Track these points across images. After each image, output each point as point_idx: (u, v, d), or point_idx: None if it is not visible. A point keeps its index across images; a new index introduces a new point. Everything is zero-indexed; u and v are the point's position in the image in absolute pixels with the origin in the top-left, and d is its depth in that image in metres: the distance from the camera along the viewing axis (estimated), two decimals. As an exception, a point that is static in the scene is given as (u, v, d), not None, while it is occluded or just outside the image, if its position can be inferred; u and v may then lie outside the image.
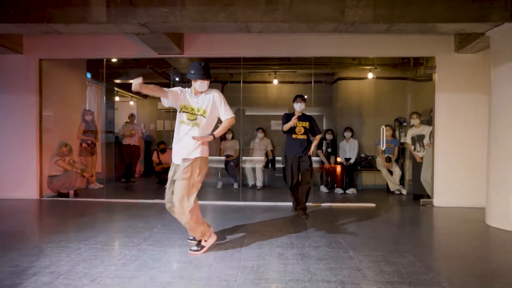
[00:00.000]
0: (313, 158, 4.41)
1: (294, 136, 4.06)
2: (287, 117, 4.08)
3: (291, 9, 3.48)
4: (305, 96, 4.11)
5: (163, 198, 2.80)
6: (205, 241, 2.74)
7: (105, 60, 5.49)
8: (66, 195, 5.17)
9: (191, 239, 2.88)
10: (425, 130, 5.11)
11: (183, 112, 2.71)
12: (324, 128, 6.79)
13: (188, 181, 2.62)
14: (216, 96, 2.73)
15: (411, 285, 2.13)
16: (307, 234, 3.20)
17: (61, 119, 5.56)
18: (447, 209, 4.46)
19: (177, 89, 2.76)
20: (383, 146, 5.21)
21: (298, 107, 4.03)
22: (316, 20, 3.49)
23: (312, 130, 4.13)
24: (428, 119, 5.26)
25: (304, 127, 4.06)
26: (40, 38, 4.87)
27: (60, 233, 3.17)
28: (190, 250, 2.71)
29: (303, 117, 4.09)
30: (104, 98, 7.25)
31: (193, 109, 2.69)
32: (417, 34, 4.33)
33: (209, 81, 2.73)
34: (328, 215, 4.16)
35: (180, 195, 2.59)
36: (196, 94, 2.74)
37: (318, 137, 4.17)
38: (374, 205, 4.73)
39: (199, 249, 2.70)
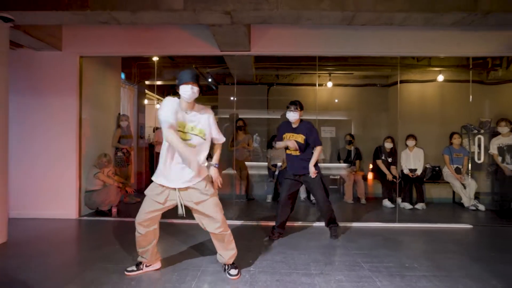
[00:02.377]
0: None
1: (287, 151, 3.41)
2: (282, 128, 3.43)
3: (412, -5, 2.87)
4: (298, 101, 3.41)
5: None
6: (147, 266, 2.55)
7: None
8: (107, 213, 4.48)
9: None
10: (515, 139, 4.52)
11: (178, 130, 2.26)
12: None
13: (215, 196, 2.42)
14: (211, 116, 2.42)
15: None
16: (447, 274, 2.56)
17: (97, 124, 4.88)
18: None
19: (170, 108, 2.23)
20: (480, 159, 4.59)
21: (291, 116, 3.34)
22: (442, 10, 2.87)
23: (313, 141, 3.33)
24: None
25: (299, 142, 3.32)
26: (80, 31, 4.21)
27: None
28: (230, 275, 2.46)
29: (298, 128, 3.37)
30: (136, 100, 6.59)
31: (185, 127, 2.28)
32: None
33: (194, 87, 2.26)
34: (431, 241, 3.51)
35: (220, 214, 2.39)
36: (187, 110, 2.31)
37: (318, 148, 3.33)
38: (471, 226, 4.11)
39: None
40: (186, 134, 2.28)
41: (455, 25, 3.15)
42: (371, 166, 5.75)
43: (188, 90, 2.24)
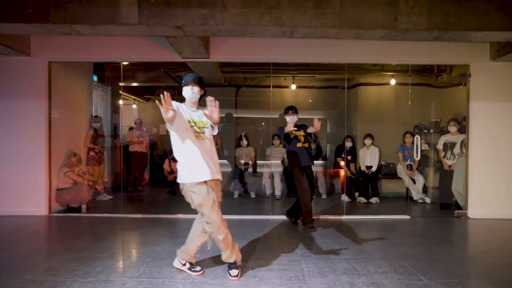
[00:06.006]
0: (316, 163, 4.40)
1: (299, 145, 3.90)
2: (282, 130, 3.87)
3: (341, 14, 3.25)
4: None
5: (184, 212, 2.59)
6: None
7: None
8: (77, 209, 4.75)
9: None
10: (459, 138, 5.00)
11: (191, 127, 2.44)
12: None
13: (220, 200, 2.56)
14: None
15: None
16: (365, 257, 2.98)
17: (68, 125, 5.12)
18: (483, 221, 4.36)
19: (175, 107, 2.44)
20: (417, 157, 5.06)
21: (290, 119, 3.88)
22: (367, 27, 3.27)
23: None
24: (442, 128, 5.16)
25: (304, 136, 3.95)
26: (49, 38, 4.44)
27: (91, 260, 2.82)
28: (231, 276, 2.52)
29: (298, 128, 3.96)
30: (110, 101, 6.81)
31: (196, 123, 2.47)
32: (467, 42, 4.18)
33: (199, 89, 2.49)
34: (368, 230, 3.95)
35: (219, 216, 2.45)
36: (193, 108, 2.52)
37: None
38: (408, 217, 4.58)
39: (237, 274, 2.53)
40: (200, 129, 2.46)
41: (383, 39, 3.55)
42: (342, 163, 6.15)
43: (188, 91, 2.46)
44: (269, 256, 2.97)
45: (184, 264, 2.61)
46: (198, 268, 2.60)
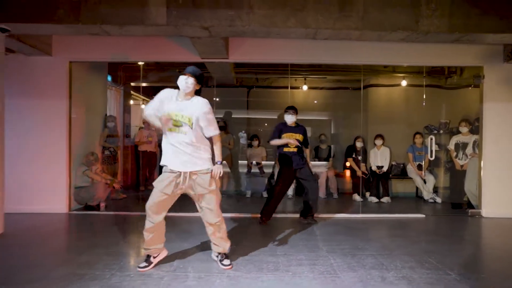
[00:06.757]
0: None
1: (285, 149, 3.99)
2: (280, 128, 4.00)
3: (364, 16, 3.33)
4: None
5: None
6: (154, 257, 2.65)
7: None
8: (95, 207, 4.79)
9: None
10: (471, 139, 5.09)
11: (169, 119, 2.49)
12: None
13: (217, 192, 2.62)
14: (204, 106, 2.52)
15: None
16: (389, 253, 3.05)
17: (84, 124, 5.17)
18: (497, 220, 4.45)
19: (157, 98, 2.55)
20: (432, 157, 5.15)
21: (289, 119, 4.00)
22: (390, 29, 3.36)
23: (305, 142, 4.10)
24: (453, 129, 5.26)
25: (298, 140, 3.98)
26: (69, 38, 4.49)
27: (121, 256, 2.88)
28: (223, 265, 2.65)
29: (297, 128, 4.05)
30: (122, 101, 6.87)
31: (176, 115, 2.47)
32: (485, 44, 4.28)
33: (194, 82, 2.51)
34: (386, 228, 4.03)
35: (217, 210, 2.61)
36: (181, 98, 2.53)
37: (307, 151, 4.16)
38: (423, 216, 4.66)
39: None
40: (177, 121, 2.46)
41: (403, 41, 3.64)
42: (348, 164, 6.24)
43: (182, 80, 2.47)
44: (296, 252, 3.04)
45: (217, 256, 2.72)
46: (227, 261, 2.68)
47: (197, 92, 2.62)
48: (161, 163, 2.58)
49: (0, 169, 3.55)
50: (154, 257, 2.64)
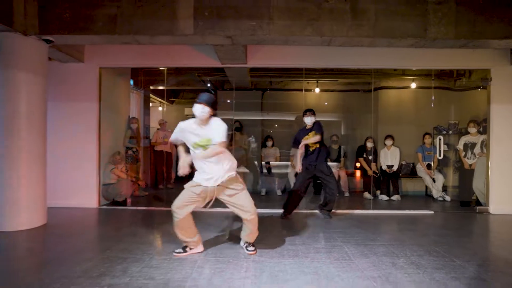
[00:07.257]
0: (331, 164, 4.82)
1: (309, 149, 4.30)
2: (296, 138, 4.36)
3: (376, 25, 3.60)
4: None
5: (221, 206, 3.08)
6: (190, 248, 2.92)
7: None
8: (121, 203, 5.15)
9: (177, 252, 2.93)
10: (479, 139, 5.28)
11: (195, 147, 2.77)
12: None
13: (245, 190, 2.91)
14: (217, 121, 2.76)
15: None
16: (400, 243, 3.30)
17: (111, 126, 5.55)
18: (504, 216, 4.64)
19: (178, 128, 2.82)
20: (440, 156, 5.36)
21: (309, 120, 4.30)
22: (399, 36, 3.62)
23: (318, 133, 4.30)
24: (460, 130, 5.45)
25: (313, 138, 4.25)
26: (100, 46, 4.87)
27: (155, 243, 3.19)
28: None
29: (310, 129, 4.33)
30: (143, 104, 7.26)
31: (201, 140, 2.72)
32: (491, 48, 4.49)
33: (210, 110, 2.71)
34: (396, 223, 4.27)
35: (251, 203, 2.87)
36: (201, 125, 2.75)
37: (317, 137, 4.24)
38: (432, 212, 4.87)
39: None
40: (204, 146, 2.73)
41: (412, 47, 3.89)
42: (358, 164, 6.47)
43: (198, 109, 2.68)
44: (313, 242, 3.31)
45: (244, 243, 3.04)
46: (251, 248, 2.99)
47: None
48: (194, 179, 2.87)
49: (43, 167, 3.92)
50: (191, 249, 2.93)
